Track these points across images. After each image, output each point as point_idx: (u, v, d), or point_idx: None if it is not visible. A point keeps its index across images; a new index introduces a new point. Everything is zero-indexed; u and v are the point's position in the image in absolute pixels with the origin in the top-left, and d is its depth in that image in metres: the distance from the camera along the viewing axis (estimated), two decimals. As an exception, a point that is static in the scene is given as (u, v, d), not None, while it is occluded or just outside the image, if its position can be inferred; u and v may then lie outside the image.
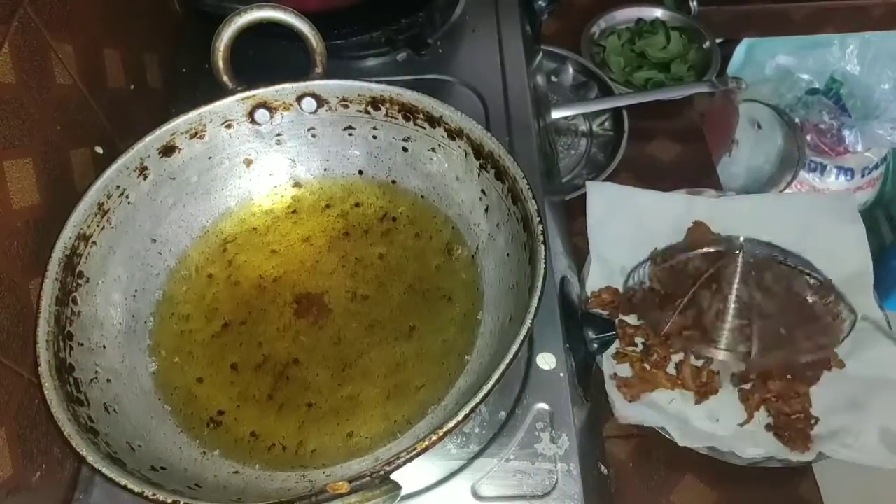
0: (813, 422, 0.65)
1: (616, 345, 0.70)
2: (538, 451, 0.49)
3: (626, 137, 0.90)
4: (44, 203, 0.50)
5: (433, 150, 0.57)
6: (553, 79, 1.01)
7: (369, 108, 0.57)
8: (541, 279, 0.45)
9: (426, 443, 0.39)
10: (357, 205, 0.60)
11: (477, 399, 0.40)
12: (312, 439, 0.49)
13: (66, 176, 0.54)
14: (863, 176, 1.18)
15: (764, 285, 0.71)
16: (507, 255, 0.52)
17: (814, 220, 0.77)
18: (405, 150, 0.58)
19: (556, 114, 0.88)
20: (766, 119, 1.12)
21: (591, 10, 1.07)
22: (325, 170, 0.61)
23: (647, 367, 0.69)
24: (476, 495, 0.47)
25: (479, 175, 0.55)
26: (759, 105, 1.13)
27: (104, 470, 0.40)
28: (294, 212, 0.60)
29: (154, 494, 0.39)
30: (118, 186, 0.53)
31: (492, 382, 0.41)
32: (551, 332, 0.54)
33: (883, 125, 1.18)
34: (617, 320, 0.72)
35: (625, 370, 0.69)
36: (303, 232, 0.59)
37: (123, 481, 0.39)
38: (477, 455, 0.49)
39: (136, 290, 0.54)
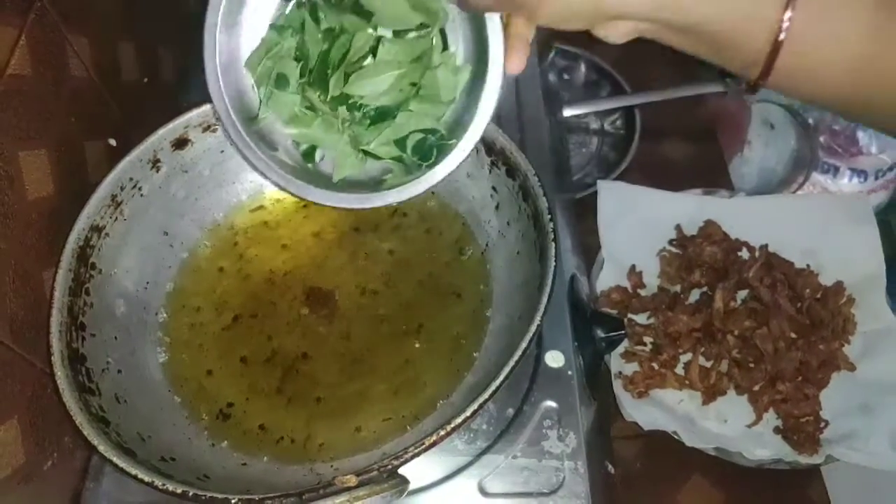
0: (822, 425, 0.65)
1: (625, 344, 0.70)
2: (545, 449, 0.49)
3: (637, 136, 0.90)
4: (58, 194, 0.50)
5: (444, 146, 0.57)
6: (565, 76, 1.00)
7: (381, 104, 0.57)
8: (550, 277, 0.45)
9: (434, 438, 0.39)
10: (368, 200, 0.60)
11: (485, 396, 0.40)
12: (320, 433, 0.49)
13: (79, 168, 0.54)
14: (876, 178, 1.17)
15: (776, 286, 0.71)
16: (518, 252, 0.52)
17: (826, 222, 0.77)
18: (416, 146, 0.58)
19: (568, 112, 0.87)
20: (780, 120, 1.11)
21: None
22: (336, 165, 0.61)
23: (656, 367, 0.69)
24: (483, 492, 0.47)
25: (490, 172, 0.55)
26: (772, 105, 1.12)
27: (115, 459, 0.40)
28: (305, 206, 0.61)
29: (164, 485, 0.39)
30: (131, 179, 0.53)
31: (500, 379, 0.41)
32: (560, 331, 0.53)
33: (898, 127, 1.17)
34: (626, 319, 0.72)
35: (633, 369, 0.69)
36: (313, 227, 0.60)
37: (134, 471, 0.40)
38: (484, 451, 0.49)
39: (147, 282, 0.54)
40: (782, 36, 0.33)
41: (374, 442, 0.48)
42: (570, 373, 0.52)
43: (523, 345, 0.42)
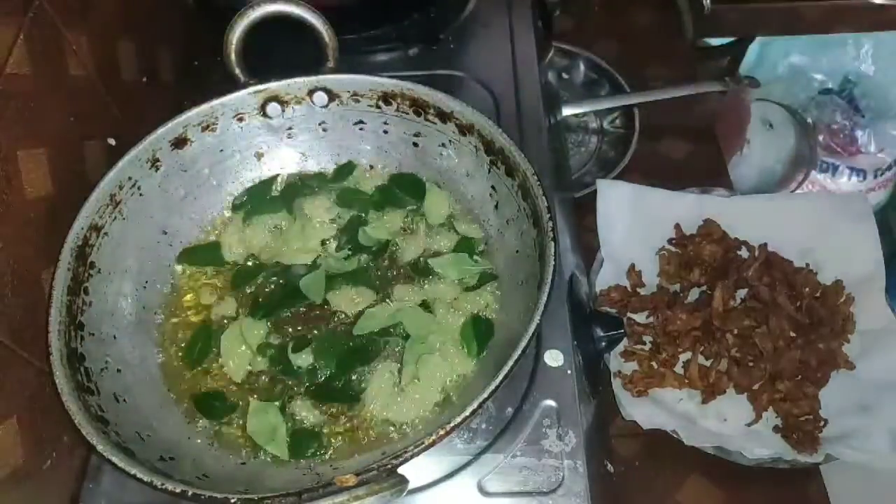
0: (821, 423, 0.65)
1: (624, 343, 0.70)
2: (545, 448, 0.49)
3: (636, 135, 0.90)
4: (56, 193, 0.50)
5: (443, 145, 0.57)
6: (564, 76, 1.00)
7: (380, 103, 0.57)
8: (550, 276, 0.45)
9: (433, 437, 0.39)
10: (367, 199, 0.60)
11: (484, 395, 0.40)
12: (320, 432, 0.49)
13: (78, 167, 0.54)
14: (875, 177, 1.17)
15: (775, 285, 0.71)
16: (517, 251, 0.52)
17: (825, 221, 0.77)
18: (416, 145, 0.58)
19: (567, 111, 0.87)
20: (779, 119, 1.11)
21: (604, 8, 1.07)
22: (336, 164, 0.61)
23: (655, 366, 0.69)
24: (482, 491, 0.47)
25: (489, 171, 0.55)
26: (771, 105, 1.12)
27: (114, 459, 0.40)
28: (304, 206, 0.60)
29: (163, 484, 0.39)
30: (130, 178, 0.53)
31: (499, 378, 0.41)
32: (559, 329, 0.53)
33: (897, 126, 1.17)
34: (625, 318, 0.72)
35: (632, 368, 0.69)
36: (312, 226, 0.59)
37: (133, 471, 0.40)
38: (483, 451, 0.49)
39: (146, 282, 0.54)
40: None
41: (374, 441, 0.48)
42: (569, 372, 0.52)
43: (522, 344, 0.42)
